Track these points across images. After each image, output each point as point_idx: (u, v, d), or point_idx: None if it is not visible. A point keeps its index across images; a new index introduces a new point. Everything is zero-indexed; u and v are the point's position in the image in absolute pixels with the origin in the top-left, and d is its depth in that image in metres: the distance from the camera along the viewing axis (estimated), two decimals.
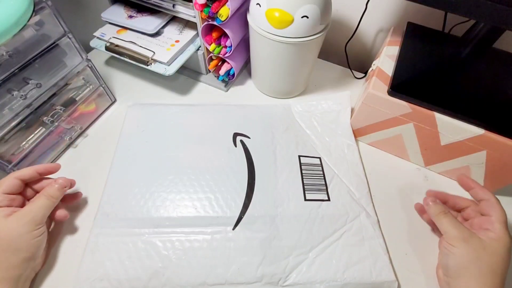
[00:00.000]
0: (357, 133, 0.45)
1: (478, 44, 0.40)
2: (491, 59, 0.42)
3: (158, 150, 0.40)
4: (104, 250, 0.33)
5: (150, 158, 0.40)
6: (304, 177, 0.39)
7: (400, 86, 0.38)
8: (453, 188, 0.42)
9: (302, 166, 0.40)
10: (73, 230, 0.36)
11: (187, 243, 0.33)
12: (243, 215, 0.35)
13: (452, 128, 0.36)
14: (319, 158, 0.42)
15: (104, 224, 0.34)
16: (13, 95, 0.35)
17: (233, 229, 0.34)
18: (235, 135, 0.42)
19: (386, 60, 0.43)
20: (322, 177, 0.40)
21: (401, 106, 0.38)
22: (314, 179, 0.39)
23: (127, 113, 0.45)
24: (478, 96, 0.38)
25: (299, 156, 0.41)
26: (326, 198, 0.37)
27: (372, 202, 0.39)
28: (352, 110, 0.46)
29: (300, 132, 0.44)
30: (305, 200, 0.37)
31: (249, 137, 0.42)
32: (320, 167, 0.40)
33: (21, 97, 0.35)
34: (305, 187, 0.38)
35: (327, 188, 0.38)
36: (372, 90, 0.39)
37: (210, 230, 0.34)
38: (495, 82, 0.40)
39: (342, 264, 0.33)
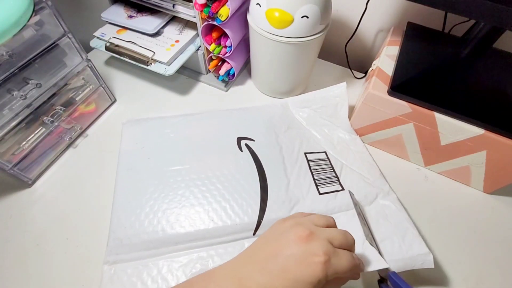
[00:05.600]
0: (357, 133, 0.45)
1: (478, 44, 0.40)
2: (491, 59, 0.42)
3: (162, 165, 0.38)
4: (124, 277, 0.31)
5: (155, 174, 0.38)
6: (313, 173, 0.39)
7: (400, 86, 0.38)
8: (452, 188, 0.42)
9: (310, 163, 0.40)
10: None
11: (211, 256, 0.32)
12: (262, 219, 0.34)
13: (452, 128, 0.36)
14: (325, 152, 0.42)
15: (119, 251, 0.32)
16: (13, 95, 0.35)
17: (254, 234, 0.34)
18: (239, 139, 0.41)
19: (386, 60, 0.43)
20: (332, 170, 0.40)
21: (401, 106, 0.38)
22: (324, 173, 0.39)
23: (123, 130, 0.43)
24: (478, 96, 0.38)
25: (305, 154, 0.41)
26: (340, 188, 0.37)
27: (388, 182, 0.39)
28: (352, 110, 0.46)
29: (302, 130, 0.44)
30: (320, 194, 0.37)
31: (253, 140, 0.42)
32: (327, 161, 0.41)
33: (21, 97, 0.35)
34: (317, 182, 0.38)
35: (338, 179, 0.39)
36: (372, 90, 0.39)
37: (231, 238, 0.33)
38: (495, 82, 0.40)
39: None
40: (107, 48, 0.48)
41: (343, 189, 0.38)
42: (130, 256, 0.32)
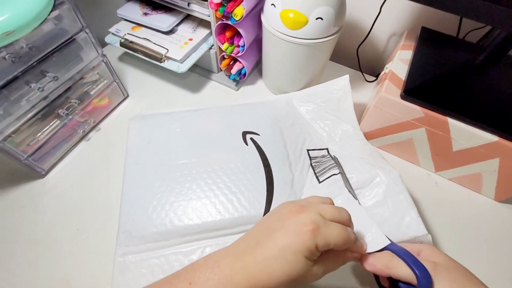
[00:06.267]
0: (368, 136, 0.45)
1: (493, 51, 0.40)
2: (506, 66, 0.41)
3: (168, 159, 0.39)
4: (135, 269, 0.32)
5: (162, 168, 0.38)
6: (314, 168, 0.39)
7: (413, 90, 0.38)
8: (463, 195, 0.42)
9: (312, 160, 0.40)
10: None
11: (218, 247, 0.32)
12: (269, 211, 0.35)
13: (465, 134, 0.36)
14: (326, 149, 0.42)
15: (128, 242, 0.33)
16: (30, 87, 0.36)
17: None
18: (244, 133, 0.42)
19: (399, 64, 0.42)
20: (331, 159, 0.40)
21: (414, 110, 0.37)
22: (324, 164, 0.39)
23: (129, 126, 0.43)
24: (492, 102, 0.38)
25: (308, 151, 0.41)
26: (338, 172, 0.37)
27: (389, 163, 0.38)
28: (363, 113, 0.46)
29: (305, 125, 0.44)
30: (319, 182, 0.37)
31: (258, 134, 0.42)
32: (329, 156, 0.41)
33: (38, 89, 0.36)
34: (317, 174, 0.39)
35: (336, 165, 0.38)
36: (384, 94, 0.39)
37: (238, 230, 0.34)
38: (509, 89, 0.39)
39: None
40: (121, 44, 0.49)
41: (340, 172, 0.37)
42: (139, 248, 0.33)
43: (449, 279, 0.23)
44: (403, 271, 0.24)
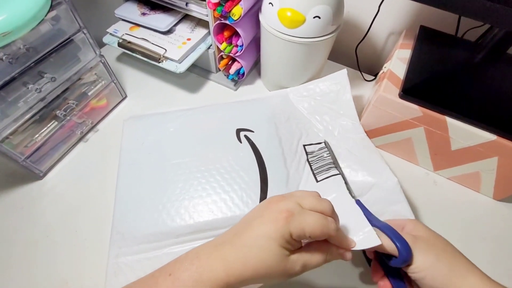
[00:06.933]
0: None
1: (492, 49, 0.39)
2: (505, 64, 0.41)
3: (162, 160, 0.39)
4: (128, 270, 0.32)
5: (156, 169, 0.38)
6: (311, 163, 0.39)
7: (412, 90, 0.38)
8: (461, 194, 0.42)
9: (308, 155, 0.40)
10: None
11: None
12: None
13: (464, 133, 0.36)
14: (324, 142, 0.41)
15: (121, 244, 0.33)
16: (28, 88, 0.36)
17: None
18: (238, 131, 0.41)
19: (398, 63, 0.42)
20: (330, 156, 0.39)
21: (412, 109, 0.37)
22: (322, 161, 0.39)
23: (124, 127, 0.43)
24: (490, 101, 0.38)
25: (304, 146, 0.41)
26: (337, 173, 0.37)
27: (389, 166, 0.37)
28: (362, 112, 0.46)
29: (302, 120, 0.44)
30: (317, 182, 0.37)
31: (252, 131, 0.41)
32: (326, 150, 0.40)
33: (36, 90, 0.36)
34: (314, 171, 0.38)
35: (335, 165, 0.38)
36: (383, 93, 0.39)
37: None
38: (508, 88, 0.39)
39: None
40: (119, 45, 0.49)
41: (339, 173, 0.37)
42: (132, 250, 0.33)
43: (427, 250, 0.25)
44: (386, 244, 0.25)
